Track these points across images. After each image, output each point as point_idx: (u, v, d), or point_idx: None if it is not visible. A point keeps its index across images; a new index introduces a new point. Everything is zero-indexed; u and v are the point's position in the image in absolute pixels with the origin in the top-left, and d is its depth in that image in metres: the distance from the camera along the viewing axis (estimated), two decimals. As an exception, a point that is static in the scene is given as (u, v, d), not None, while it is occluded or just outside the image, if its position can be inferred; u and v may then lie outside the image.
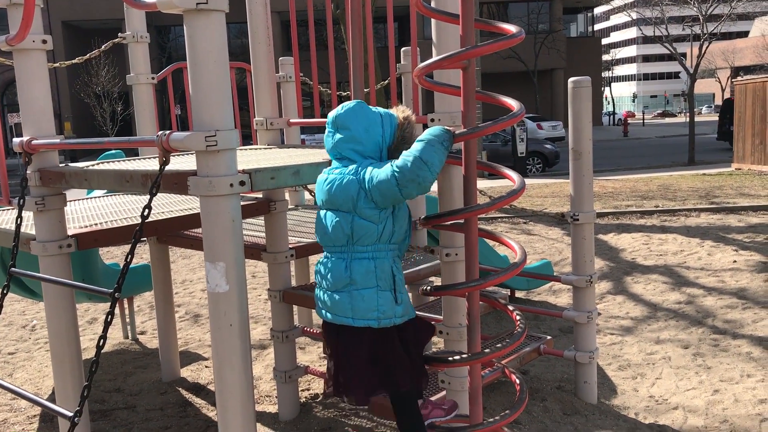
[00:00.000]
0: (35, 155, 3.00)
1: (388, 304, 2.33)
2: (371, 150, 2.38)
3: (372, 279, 2.31)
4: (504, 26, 2.38)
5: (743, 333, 5.17)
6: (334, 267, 2.36)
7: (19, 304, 6.93)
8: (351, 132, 2.37)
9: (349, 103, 2.46)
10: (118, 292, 2.36)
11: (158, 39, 37.48)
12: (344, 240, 2.33)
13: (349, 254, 2.33)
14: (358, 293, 2.31)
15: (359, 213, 2.29)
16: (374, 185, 2.26)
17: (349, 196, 2.30)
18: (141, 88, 4.67)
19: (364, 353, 2.34)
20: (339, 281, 2.34)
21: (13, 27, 2.89)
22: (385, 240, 2.34)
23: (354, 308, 2.31)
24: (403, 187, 2.23)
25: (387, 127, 2.41)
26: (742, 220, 9.39)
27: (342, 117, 2.41)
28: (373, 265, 2.32)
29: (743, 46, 62.20)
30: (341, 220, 2.32)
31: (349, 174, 2.33)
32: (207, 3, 2.13)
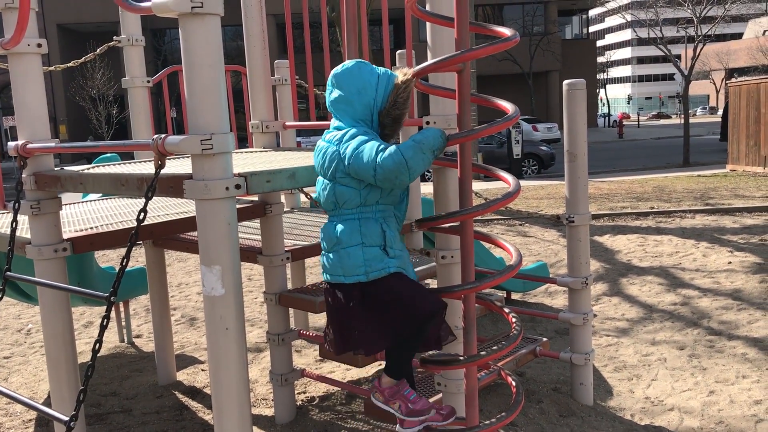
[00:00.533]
0: (30, 159, 3.00)
1: (376, 258, 2.33)
2: (361, 113, 2.39)
3: (357, 236, 2.34)
4: (499, 29, 2.39)
5: (738, 334, 5.19)
6: (327, 229, 2.41)
7: (15, 308, 6.91)
8: (343, 93, 2.39)
9: (350, 62, 2.46)
10: (114, 296, 2.36)
11: (153, 42, 37.49)
12: (332, 205, 2.38)
13: (338, 217, 2.38)
14: (344, 251, 2.34)
15: (338, 180, 2.33)
16: (352, 163, 2.28)
17: (329, 164, 2.34)
18: (136, 91, 4.67)
19: (358, 308, 2.36)
20: (330, 242, 2.38)
21: (8, 30, 2.89)
22: (371, 202, 2.36)
23: (343, 266, 2.34)
24: (379, 179, 2.26)
25: (381, 90, 2.39)
26: (737, 222, 9.43)
27: (338, 76, 2.43)
28: (358, 224, 2.35)
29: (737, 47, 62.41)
30: (326, 186, 2.37)
31: (333, 143, 2.36)
32: (202, 6, 2.13)
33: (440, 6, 2.70)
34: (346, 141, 2.32)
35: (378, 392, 2.52)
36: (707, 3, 22.91)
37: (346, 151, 2.30)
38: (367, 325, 2.37)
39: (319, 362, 5.03)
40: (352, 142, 2.30)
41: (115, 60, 23.30)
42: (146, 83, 4.69)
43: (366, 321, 2.36)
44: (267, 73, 3.92)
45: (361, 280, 2.33)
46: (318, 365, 4.99)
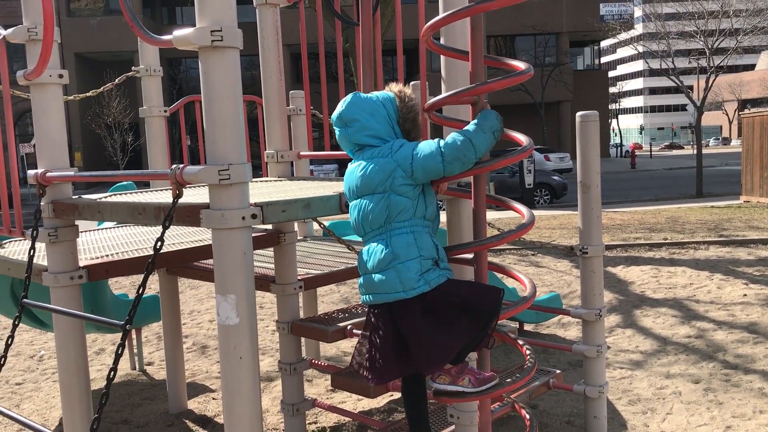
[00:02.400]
0: (49, 187, 3.04)
1: (430, 270, 2.36)
2: (385, 131, 2.49)
3: (414, 250, 2.36)
4: (513, 63, 2.41)
5: (755, 368, 5.12)
6: (376, 249, 2.40)
7: (27, 334, 6.94)
8: (360, 122, 2.47)
9: (346, 98, 2.56)
10: (129, 324, 2.37)
11: (169, 71, 38.00)
12: (382, 221, 2.39)
13: (388, 233, 2.39)
14: (402, 266, 2.34)
15: (395, 190, 2.37)
16: (419, 160, 2.34)
17: (386, 175, 2.37)
18: (153, 120, 4.74)
19: (421, 322, 2.33)
20: (384, 261, 2.37)
21: (31, 62, 2.95)
22: (419, 215, 2.41)
23: (402, 281, 2.33)
24: (448, 163, 2.32)
25: (389, 106, 2.52)
26: (752, 253, 9.35)
27: (346, 113, 2.51)
28: (413, 237, 2.37)
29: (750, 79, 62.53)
30: (377, 201, 2.38)
31: (381, 156, 2.41)
32: (222, 40, 2.17)
33: (455, 39, 2.74)
34: (397, 150, 2.41)
35: (443, 375, 2.48)
36: (719, 35, 23.00)
37: (402, 152, 2.38)
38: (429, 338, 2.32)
39: (330, 392, 5.00)
40: (402, 149, 2.40)
41: (131, 88, 23.65)
42: (163, 113, 4.76)
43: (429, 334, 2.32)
44: (283, 104, 3.97)
45: (424, 290, 2.33)
46: (329, 395, 4.96)
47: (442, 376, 2.47)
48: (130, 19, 2.43)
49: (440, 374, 2.47)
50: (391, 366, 2.42)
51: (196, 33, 2.18)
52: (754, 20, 23.84)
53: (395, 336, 2.39)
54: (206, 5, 2.20)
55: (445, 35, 2.80)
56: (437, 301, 2.33)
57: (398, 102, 2.55)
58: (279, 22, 3.94)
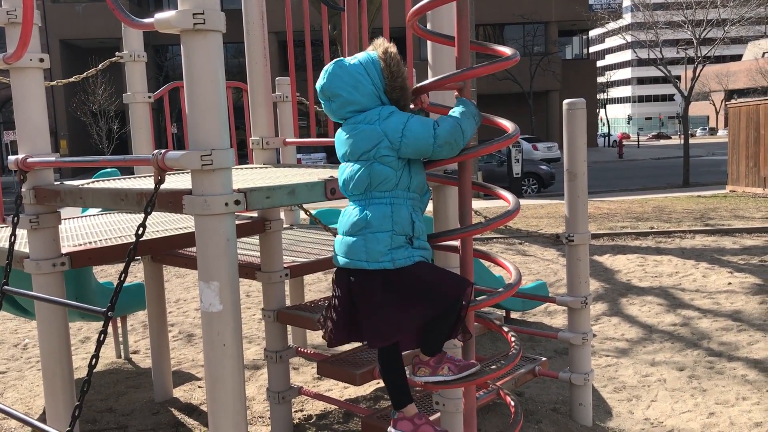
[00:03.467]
0: (30, 173, 3.00)
1: (401, 247, 2.30)
2: (370, 102, 2.36)
3: (388, 223, 2.29)
4: (499, 48, 2.40)
5: (738, 355, 5.16)
6: (353, 212, 2.35)
7: (11, 323, 6.88)
8: (342, 97, 2.36)
9: (329, 67, 2.41)
10: (111, 311, 2.35)
11: (155, 58, 37.70)
12: (363, 187, 2.33)
13: (367, 200, 2.33)
14: (372, 236, 2.28)
15: (378, 159, 2.29)
16: (409, 138, 2.27)
17: (371, 144, 2.30)
18: (138, 107, 4.68)
19: (378, 297, 2.29)
20: (355, 225, 2.31)
21: (11, 45, 2.90)
22: (403, 187, 2.34)
23: (368, 251, 2.28)
24: (439, 147, 2.28)
25: (374, 74, 2.37)
26: (737, 242, 9.42)
27: (327, 86, 2.39)
28: (390, 210, 2.31)
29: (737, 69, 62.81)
30: (360, 168, 2.32)
31: (368, 122, 2.33)
32: (204, 23, 2.14)
33: (441, 25, 2.72)
34: (386, 117, 2.32)
35: (422, 366, 2.45)
36: (707, 25, 23.06)
37: (390, 124, 2.29)
38: (380, 314, 2.29)
39: (316, 380, 5.00)
40: (392, 118, 2.31)
41: (117, 75, 23.45)
42: (148, 99, 4.70)
43: (381, 310, 2.29)
44: (268, 90, 3.94)
45: (386, 267, 2.27)
46: (315, 383, 4.96)
47: (422, 368, 2.44)
48: (111, 2, 2.39)
49: (420, 367, 2.45)
50: (340, 331, 2.39)
51: (178, 16, 2.15)
52: (741, 11, 23.92)
53: (349, 302, 2.35)
54: (188, -12, 2.16)
55: (431, 20, 2.78)
56: (399, 281, 2.28)
57: (383, 67, 2.37)
58: (264, 8, 3.90)
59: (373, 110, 2.35)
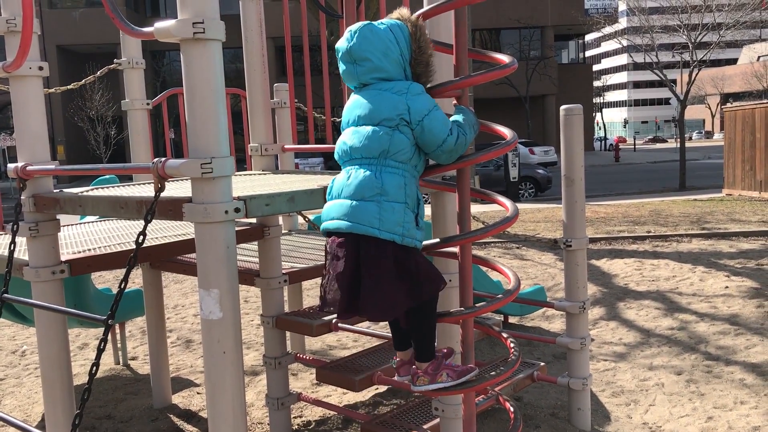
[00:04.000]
0: (30, 181, 3.00)
1: (411, 224, 2.26)
2: (396, 72, 2.30)
3: (402, 194, 2.24)
4: (497, 56, 2.41)
5: (736, 359, 5.18)
6: (363, 176, 2.24)
7: (9, 329, 6.87)
8: (372, 62, 2.27)
9: (357, 27, 2.30)
10: (112, 319, 2.35)
11: (153, 64, 37.71)
12: (377, 152, 2.24)
13: (380, 166, 2.24)
14: (388, 204, 2.21)
15: (401, 130, 2.24)
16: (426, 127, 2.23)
17: (395, 112, 2.23)
18: (136, 113, 4.69)
19: (387, 267, 2.20)
20: (368, 189, 2.22)
21: (10, 53, 2.90)
22: (413, 163, 2.30)
23: (382, 218, 2.19)
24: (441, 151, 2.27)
25: (402, 42, 2.30)
26: (734, 246, 9.44)
27: (357, 49, 2.28)
28: (404, 181, 2.25)
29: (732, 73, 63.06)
30: (380, 131, 2.24)
31: (395, 92, 2.26)
32: (204, 32, 2.15)
33: (439, 32, 2.73)
34: (415, 94, 2.25)
35: (421, 376, 2.40)
36: (702, 29, 23.16)
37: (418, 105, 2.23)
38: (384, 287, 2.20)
39: (315, 386, 5.00)
40: (422, 98, 2.25)
41: (114, 81, 23.44)
42: (146, 106, 4.71)
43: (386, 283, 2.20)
44: (266, 97, 3.95)
45: (396, 240, 2.20)
46: (314, 389, 4.96)
47: (421, 378, 2.41)
48: (111, 11, 2.40)
49: (419, 376, 2.42)
50: (343, 300, 2.24)
51: (177, 25, 2.16)
52: (736, 15, 24.04)
53: (354, 270, 2.23)
54: (188, -3, 2.17)
55: (429, 28, 2.79)
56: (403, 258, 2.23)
57: (412, 39, 2.30)
58: (263, 14, 3.91)
59: (401, 82, 2.28)
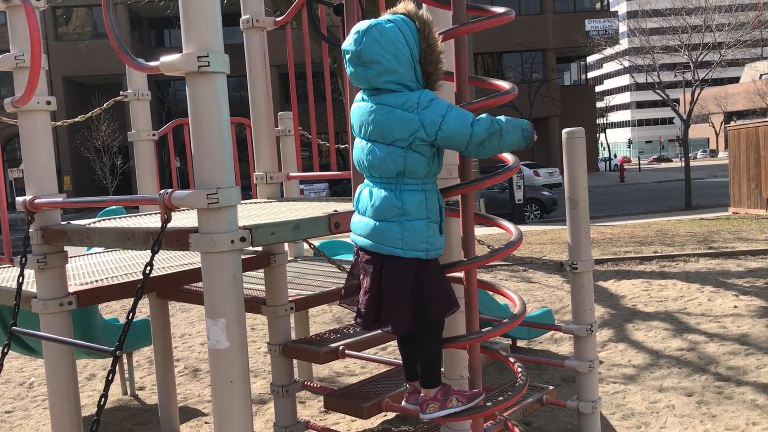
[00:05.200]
0: (38, 214, 3.03)
1: (435, 235, 2.30)
2: (407, 75, 2.25)
3: (423, 211, 2.26)
4: (498, 83, 2.44)
5: (747, 380, 5.13)
6: (383, 196, 2.26)
7: (17, 361, 6.87)
8: (382, 65, 2.20)
9: (364, 28, 2.23)
10: (119, 350, 2.36)
11: (158, 93, 38.05)
12: (394, 173, 2.25)
13: (398, 186, 2.25)
14: (410, 224, 2.23)
15: (414, 148, 2.22)
16: (446, 132, 2.19)
17: (408, 133, 2.20)
18: (142, 144, 4.74)
19: (408, 283, 2.26)
20: (388, 210, 2.24)
21: (19, 89, 2.95)
22: (433, 174, 2.31)
23: (404, 239, 2.23)
24: (474, 145, 2.19)
25: (412, 42, 2.24)
26: (741, 265, 9.40)
27: (366, 52, 2.21)
28: (424, 197, 2.27)
29: (735, 91, 63.23)
30: (394, 154, 2.22)
31: (405, 109, 2.21)
32: (209, 66, 2.19)
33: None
34: (425, 107, 2.20)
35: (431, 403, 2.41)
36: (703, 48, 23.28)
37: (429, 117, 2.19)
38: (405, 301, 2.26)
39: (323, 413, 4.98)
40: (432, 108, 2.20)
41: (120, 111, 23.65)
42: (152, 137, 4.76)
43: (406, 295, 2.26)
44: (271, 126, 3.99)
45: (420, 256, 2.25)
46: (322, 417, 4.94)
47: (431, 404, 2.42)
48: (117, 46, 2.44)
49: (429, 403, 2.42)
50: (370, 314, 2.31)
51: (182, 59, 2.20)
52: (736, 34, 24.16)
53: (378, 287, 2.29)
54: (193, 31, 2.22)
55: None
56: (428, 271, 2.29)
57: (420, 36, 2.24)
58: (266, 45, 3.96)
59: (411, 94, 2.23)
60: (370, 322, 2.34)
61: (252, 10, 3.88)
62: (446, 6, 2.42)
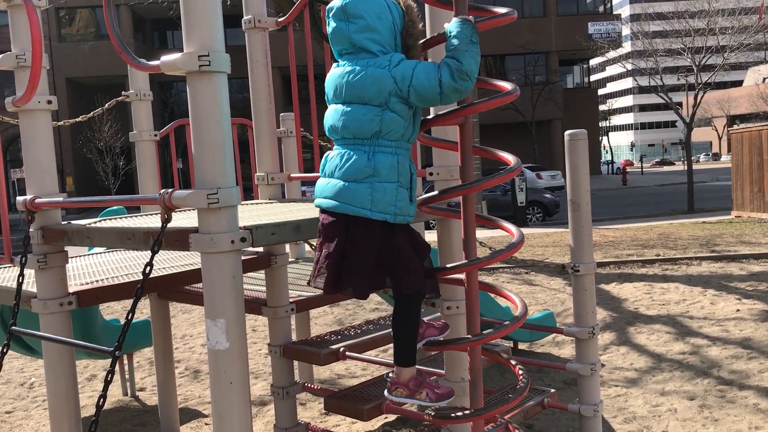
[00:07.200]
0: (38, 213, 3.03)
1: (405, 200, 2.31)
2: (387, 39, 2.31)
3: (394, 174, 2.27)
4: (500, 83, 2.43)
5: (749, 384, 5.11)
6: (355, 158, 2.28)
7: (18, 361, 6.87)
8: (366, 20, 2.27)
9: None
10: (119, 350, 2.36)
11: (161, 94, 38.09)
12: (369, 134, 2.27)
13: (372, 147, 2.27)
14: (380, 186, 2.25)
15: (391, 108, 2.24)
16: (414, 87, 2.21)
17: (384, 90, 2.23)
18: (144, 144, 4.74)
19: (375, 247, 2.27)
20: (360, 172, 2.26)
21: (20, 88, 2.95)
22: (407, 138, 2.32)
23: (374, 200, 2.25)
24: (446, 96, 2.21)
25: (395, 12, 2.33)
26: (744, 269, 9.37)
27: (352, 6, 2.28)
28: (396, 160, 2.29)
29: (738, 95, 63.19)
30: (370, 113, 2.25)
31: (378, 67, 2.26)
32: (210, 65, 2.18)
33: (442, 61, 2.75)
34: (396, 65, 2.25)
35: (400, 388, 2.42)
36: (706, 52, 23.24)
37: (399, 72, 2.22)
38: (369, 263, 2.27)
39: (324, 415, 4.96)
40: (402, 65, 2.24)
41: (123, 112, 23.68)
42: (153, 137, 4.76)
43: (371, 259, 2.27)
44: (273, 127, 3.98)
45: (388, 219, 2.27)
46: (323, 419, 4.92)
47: (399, 389, 2.43)
48: (118, 45, 2.44)
49: (397, 387, 2.43)
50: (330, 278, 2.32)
51: (183, 58, 2.19)
52: (739, 37, 24.12)
53: (343, 249, 2.31)
54: (193, 30, 2.21)
55: (432, 57, 2.82)
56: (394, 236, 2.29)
57: (404, 13, 2.35)
58: (268, 45, 3.96)
59: (383, 57, 2.28)
60: (331, 286, 2.33)
61: (254, 11, 3.87)
62: (448, 6, 2.41)
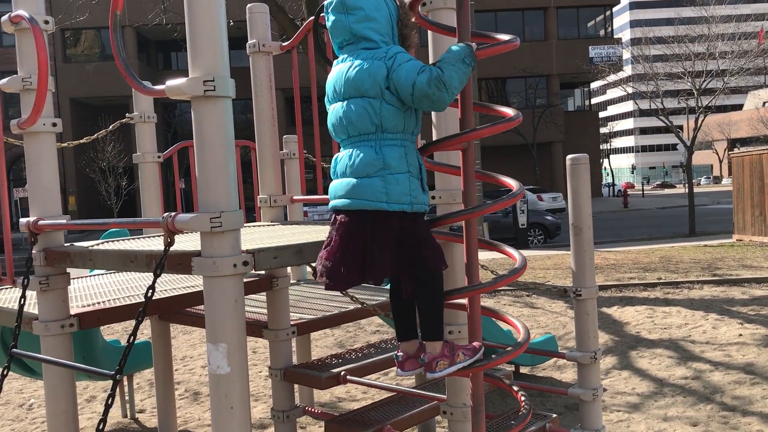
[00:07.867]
0: (41, 235, 3.03)
1: (417, 189, 2.32)
2: (385, 27, 2.36)
3: (404, 164, 2.29)
4: (502, 109, 2.44)
5: (753, 410, 5.07)
6: (363, 154, 2.29)
7: (17, 382, 6.83)
8: (364, 11, 2.33)
9: None
10: (120, 374, 2.35)
11: (164, 116, 38.30)
12: (372, 128, 2.29)
13: (378, 141, 2.29)
14: (392, 177, 2.26)
15: (387, 99, 2.27)
16: (392, 80, 2.24)
17: (378, 79, 2.26)
18: (147, 166, 4.76)
19: (391, 240, 2.27)
20: (370, 166, 2.27)
21: (25, 110, 2.97)
22: (409, 130, 2.34)
23: (388, 192, 2.26)
24: (416, 98, 2.23)
25: (390, 4, 2.39)
26: (746, 293, 9.34)
27: None
28: (404, 151, 2.30)
29: (738, 118, 63.39)
30: (369, 106, 2.27)
31: (376, 58, 2.29)
32: (214, 90, 2.20)
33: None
34: (392, 56, 2.28)
35: (440, 360, 2.38)
36: (706, 75, 23.38)
37: (393, 63, 2.26)
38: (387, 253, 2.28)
39: (324, 439, 4.92)
40: (397, 56, 2.28)
41: (126, 133, 23.78)
42: (157, 159, 4.78)
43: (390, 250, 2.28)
44: (276, 150, 4.00)
45: (405, 209, 2.28)
46: (323, 442, 4.88)
47: (440, 362, 2.39)
48: (123, 69, 2.46)
49: (438, 361, 2.39)
50: (352, 276, 2.33)
51: (188, 83, 2.21)
52: (739, 62, 24.28)
53: (362, 246, 2.31)
54: (199, 55, 2.23)
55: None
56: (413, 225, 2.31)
57: (398, 6, 2.42)
58: (272, 69, 3.99)
59: (381, 48, 2.32)
60: (343, 282, 2.35)
61: (258, 35, 3.91)
62: (452, 33, 2.43)
